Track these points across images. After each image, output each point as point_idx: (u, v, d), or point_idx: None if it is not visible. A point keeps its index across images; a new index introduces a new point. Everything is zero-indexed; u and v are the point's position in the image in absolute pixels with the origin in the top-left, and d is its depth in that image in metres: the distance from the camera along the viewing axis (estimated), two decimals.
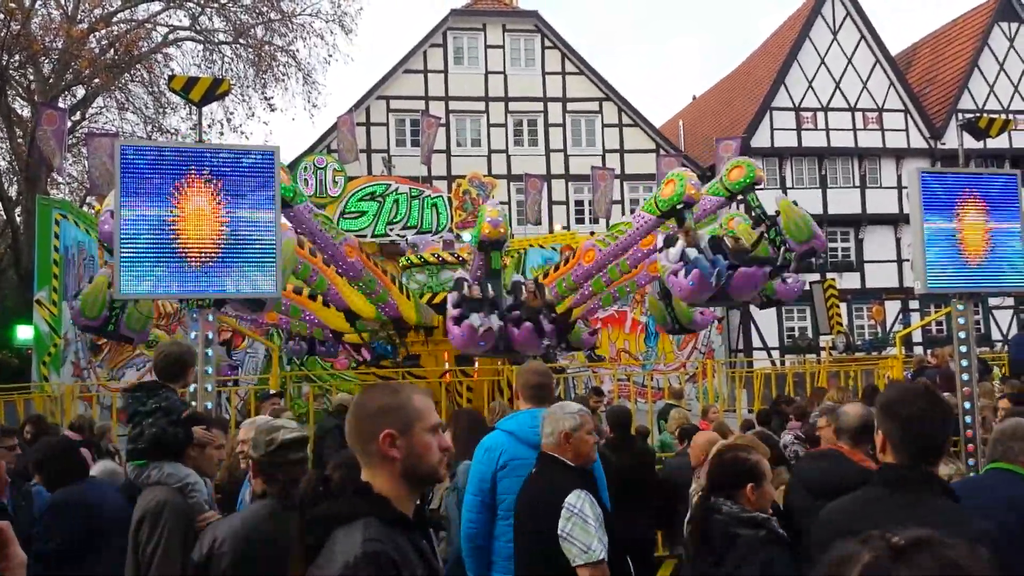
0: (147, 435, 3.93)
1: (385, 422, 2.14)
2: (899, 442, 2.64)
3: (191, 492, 3.93)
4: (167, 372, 4.24)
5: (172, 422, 4.01)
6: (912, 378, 11.23)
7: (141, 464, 3.95)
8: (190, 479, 3.96)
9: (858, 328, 26.67)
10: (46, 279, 15.30)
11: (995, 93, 27.67)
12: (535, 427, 4.00)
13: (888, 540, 1.23)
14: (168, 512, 3.76)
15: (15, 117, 23.02)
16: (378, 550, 1.98)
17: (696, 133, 30.89)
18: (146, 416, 3.99)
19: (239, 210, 6.18)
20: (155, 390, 4.13)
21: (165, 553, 3.71)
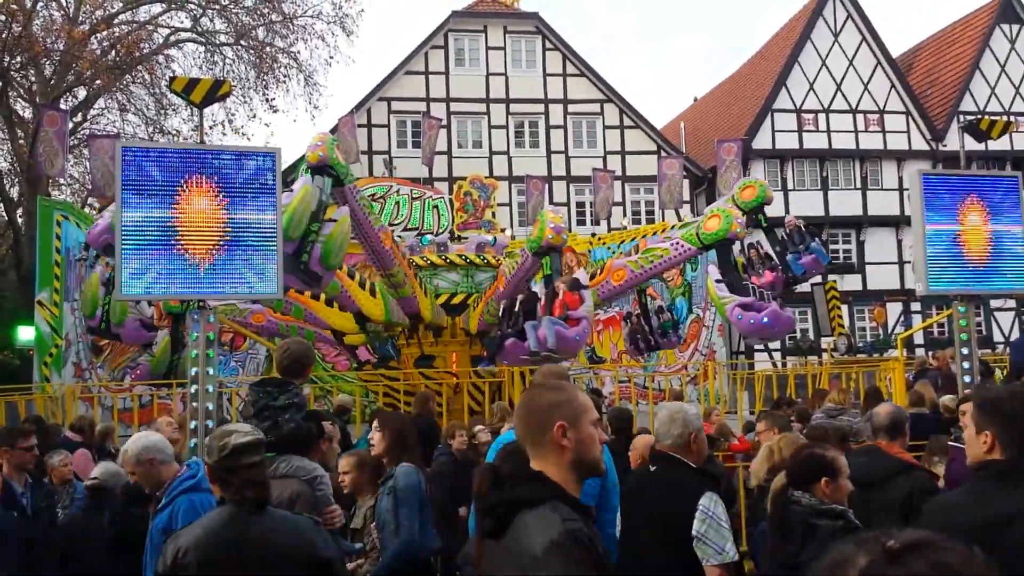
0: (285, 430, 4.01)
1: (557, 415, 2.31)
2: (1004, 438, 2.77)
3: (319, 485, 4.04)
4: (291, 369, 4.30)
5: (305, 417, 4.11)
6: (914, 380, 11.22)
7: (269, 456, 3.98)
8: (318, 472, 4.06)
9: (859, 330, 26.65)
10: (47, 280, 15.31)
11: (996, 95, 27.65)
12: None
13: (883, 543, 1.22)
14: (300, 504, 3.86)
15: (16, 118, 23.03)
16: (577, 528, 2.14)
17: (697, 135, 30.89)
18: (279, 411, 4.06)
19: (240, 211, 6.19)
20: (284, 386, 4.18)
21: None
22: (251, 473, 3.17)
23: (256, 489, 3.14)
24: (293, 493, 3.91)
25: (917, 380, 10.96)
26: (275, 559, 3.03)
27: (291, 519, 3.25)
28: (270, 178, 6.28)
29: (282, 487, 3.93)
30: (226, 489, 3.18)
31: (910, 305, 26.88)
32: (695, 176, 27.24)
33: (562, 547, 2.07)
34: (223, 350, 18.58)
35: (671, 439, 3.88)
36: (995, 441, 2.77)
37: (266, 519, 3.12)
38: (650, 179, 25.64)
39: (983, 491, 2.78)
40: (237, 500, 3.11)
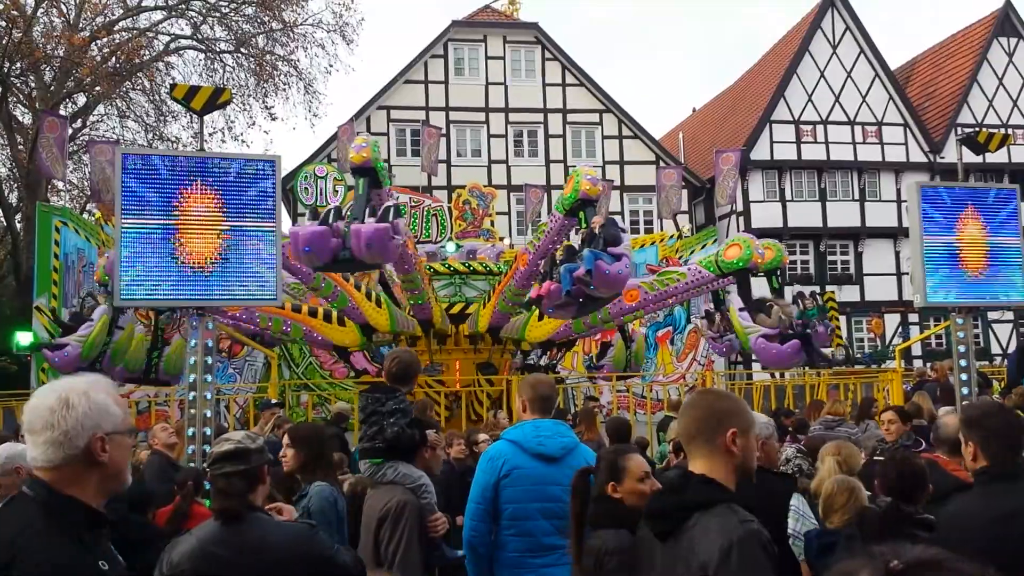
0: (388, 435, 4.05)
1: (731, 422, 2.46)
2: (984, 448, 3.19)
3: (424, 493, 4.07)
4: (399, 377, 4.34)
5: (409, 423, 4.15)
6: (912, 391, 11.23)
7: (378, 462, 4.07)
8: (423, 480, 4.10)
9: (857, 341, 26.66)
10: (46, 286, 15.32)
11: (994, 108, 27.74)
12: (538, 437, 4.05)
13: (887, 561, 1.22)
14: (408, 512, 3.91)
15: (16, 124, 23.05)
16: (756, 529, 2.27)
17: (696, 145, 30.95)
18: (386, 416, 4.10)
19: (239, 219, 6.19)
20: (392, 392, 4.23)
21: (407, 551, 3.86)
22: (223, 483, 3.15)
23: (222, 499, 3.11)
24: (400, 501, 3.94)
25: (915, 391, 10.98)
26: (271, 565, 3.02)
27: (285, 525, 3.24)
28: (270, 185, 6.29)
29: (389, 494, 3.97)
30: (216, 499, 3.19)
31: (908, 317, 26.91)
32: (693, 186, 27.29)
33: (743, 547, 2.20)
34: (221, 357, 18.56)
35: None
36: (977, 450, 3.19)
37: (257, 526, 3.10)
38: (648, 189, 25.68)
39: (986, 492, 3.14)
40: (224, 510, 3.10)
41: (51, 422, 2.09)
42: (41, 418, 2.10)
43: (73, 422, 2.10)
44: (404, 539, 3.87)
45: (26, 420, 2.14)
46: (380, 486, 4.05)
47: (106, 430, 2.15)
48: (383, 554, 3.87)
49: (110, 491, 2.25)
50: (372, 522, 3.93)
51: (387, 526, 3.90)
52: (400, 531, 3.88)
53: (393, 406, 4.16)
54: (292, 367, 19.92)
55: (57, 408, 2.10)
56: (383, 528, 3.89)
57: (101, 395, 2.18)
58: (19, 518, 2.07)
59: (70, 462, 2.11)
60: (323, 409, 15.20)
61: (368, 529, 3.95)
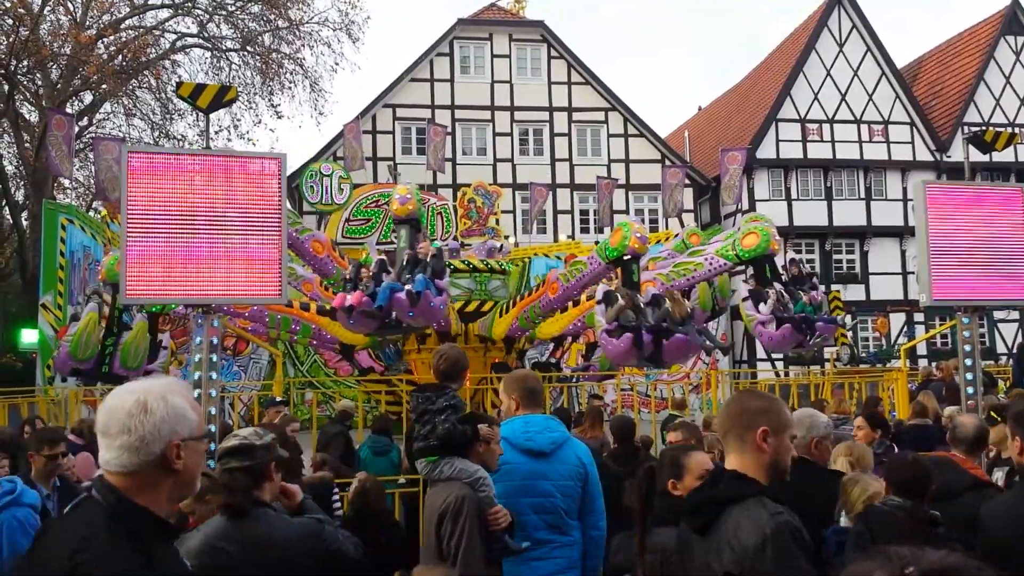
0: (440, 432, 4.07)
1: (763, 420, 2.56)
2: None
3: (481, 487, 4.08)
4: (448, 373, 4.35)
5: (461, 420, 4.18)
6: (917, 390, 11.21)
7: (433, 460, 4.11)
8: (480, 474, 4.11)
9: (863, 340, 26.61)
10: (51, 283, 15.34)
11: (1001, 106, 27.66)
12: (527, 433, 4.09)
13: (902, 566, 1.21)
14: (468, 506, 3.94)
15: (23, 122, 23.10)
16: (788, 520, 2.36)
17: (702, 144, 30.91)
18: (437, 414, 4.13)
19: (245, 217, 6.19)
20: (442, 390, 4.26)
21: (469, 545, 3.90)
22: (227, 478, 3.18)
23: (227, 495, 3.14)
24: (459, 496, 3.98)
25: (920, 390, 10.95)
26: (277, 560, 3.03)
27: (292, 520, 3.25)
28: (275, 183, 6.29)
29: (448, 490, 4.02)
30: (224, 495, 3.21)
31: (913, 316, 26.85)
32: (699, 185, 27.26)
33: (777, 540, 2.28)
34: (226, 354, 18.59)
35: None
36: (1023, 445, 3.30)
37: (263, 521, 3.12)
38: (654, 188, 25.68)
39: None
40: (229, 505, 3.12)
41: (128, 426, 2.03)
42: (118, 421, 2.04)
43: (151, 427, 2.04)
44: (465, 533, 3.92)
45: (101, 421, 2.08)
46: (438, 483, 4.10)
47: (182, 436, 2.09)
48: (445, 549, 3.94)
49: (180, 498, 2.21)
50: (433, 518, 3.99)
51: (448, 521, 3.95)
52: (461, 525, 3.93)
53: (443, 403, 4.18)
54: (297, 365, 19.95)
55: (135, 412, 2.04)
56: (444, 523, 3.95)
57: (178, 399, 2.12)
58: (85, 526, 2.00)
59: (144, 468, 2.05)
60: (327, 407, 15.22)
61: (429, 525, 4.02)
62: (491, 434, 4.24)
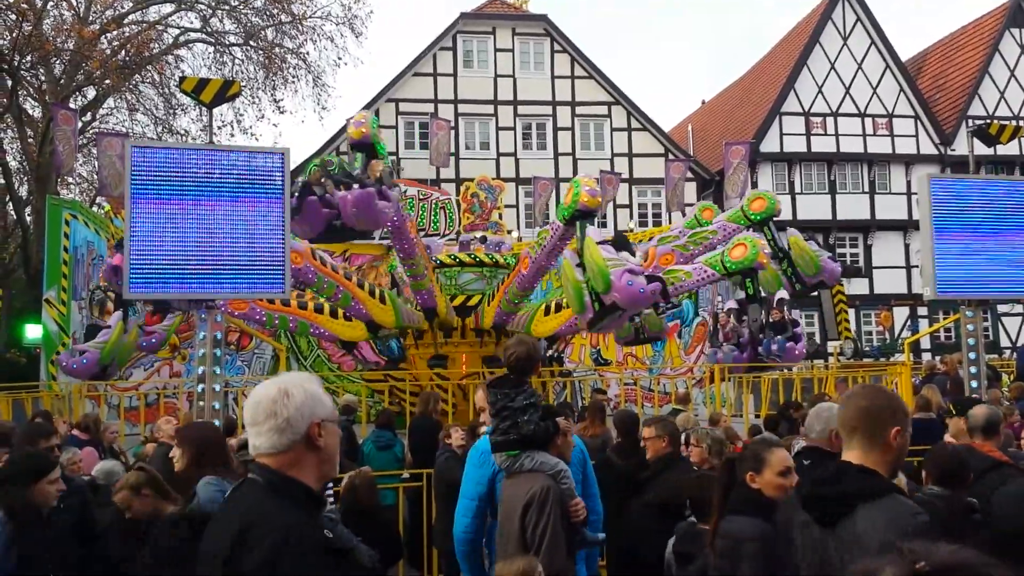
0: (525, 430, 4.18)
1: (897, 419, 2.61)
2: None
3: (563, 479, 4.19)
4: (521, 368, 4.42)
5: (542, 416, 4.28)
6: (921, 384, 11.20)
7: (514, 454, 4.21)
8: (560, 467, 4.22)
9: (866, 334, 26.59)
10: (55, 278, 15.35)
11: (1005, 99, 27.59)
12: None
13: (913, 562, 1.22)
14: (552, 498, 4.05)
15: (26, 117, 23.11)
16: (926, 521, 2.39)
17: (705, 138, 30.86)
18: (519, 412, 4.23)
19: (248, 212, 6.20)
20: (519, 386, 4.34)
21: (553, 535, 3.98)
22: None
23: None
24: (544, 487, 4.06)
25: (924, 384, 10.94)
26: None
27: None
28: (279, 178, 6.29)
29: (531, 482, 4.10)
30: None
31: (917, 309, 26.82)
32: (702, 179, 27.22)
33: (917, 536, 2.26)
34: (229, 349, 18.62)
35: (815, 434, 4.15)
36: None
37: None
38: (657, 181, 25.64)
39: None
40: None
41: (274, 411, 2.27)
42: (265, 409, 2.28)
43: (294, 409, 2.28)
44: (550, 524, 4.01)
45: (249, 414, 2.31)
46: (519, 475, 4.19)
47: (321, 416, 2.33)
48: (529, 539, 4.01)
49: (326, 476, 2.40)
50: (516, 509, 4.07)
51: (532, 512, 4.03)
52: (546, 516, 4.01)
53: (524, 401, 4.26)
54: (300, 360, 19.96)
55: (279, 398, 2.28)
56: (528, 514, 4.03)
57: (313, 386, 2.37)
58: (250, 496, 2.25)
59: (293, 447, 2.29)
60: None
61: (512, 516, 4.08)
62: (568, 427, 4.39)
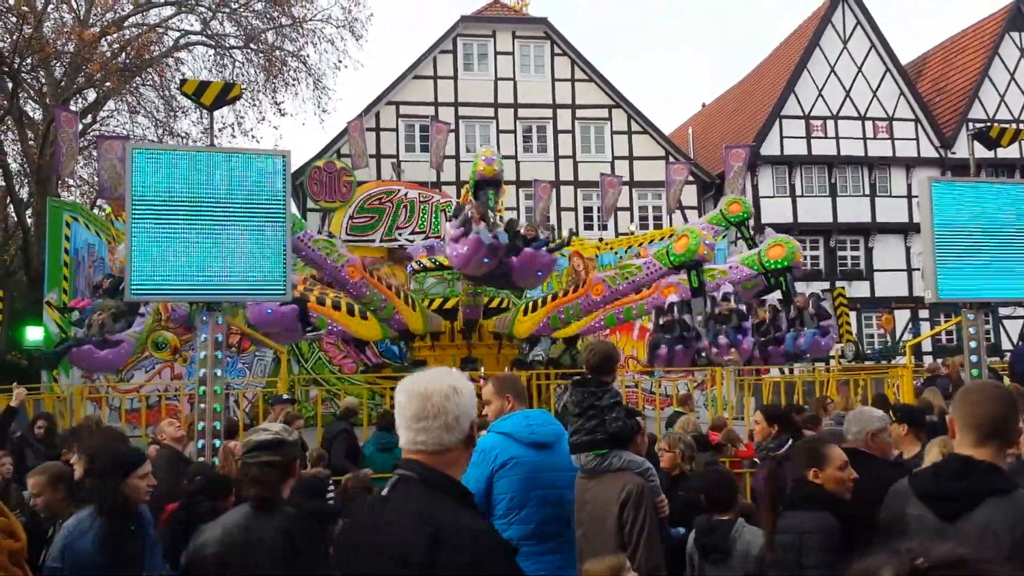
0: (612, 427, 4.26)
1: (1018, 418, 2.74)
2: None
3: (650, 477, 4.31)
4: (603, 367, 4.51)
5: (627, 414, 4.39)
6: (923, 387, 11.20)
7: (602, 453, 4.28)
8: (647, 465, 4.35)
9: (867, 337, 26.58)
10: (56, 281, 15.36)
11: (1006, 103, 27.60)
12: (530, 427, 4.12)
13: (912, 559, 1.22)
14: (646, 495, 4.17)
15: (27, 120, 23.12)
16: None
17: (705, 140, 30.87)
18: (605, 410, 4.32)
19: (249, 214, 6.20)
20: (603, 385, 4.43)
21: (651, 532, 4.09)
22: (257, 471, 3.23)
23: (257, 487, 3.18)
24: (638, 485, 4.18)
25: (926, 387, 10.94)
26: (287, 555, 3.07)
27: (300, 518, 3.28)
28: (280, 181, 6.29)
29: (623, 480, 4.21)
30: (247, 487, 3.28)
31: (918, 312, 26.82)
32: (703, 182, 27.23)
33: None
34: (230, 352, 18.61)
35: (852, 435, 4.26)
36: None
37: (279, 518, 3.15)
38: (658, 184, 25.63)
39: None
40: (257, 498, 3.19)
41: (445, 408, 2.24)
42: (436, 405, 2.24)
43: (462, 407, 2.27)
44: (648, 521, 4.11)
45: (414, 408, 2.26)
46: (607, 474, 4.27)
47: (475, 415, 2.33)
48: (627, 537, 4.08)
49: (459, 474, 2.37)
50: (612, 507, 4.15)
51: (629, 509, 4.11)
52: (643, 513, 4.11)
53: (610, 400, 4.34)
54: (301, 362, 19.96)
55: (450, 394, 2.25)
56: (625, 512, 4.12)
57: (469, 383, 2.35)
58: (418, 498, 2.20)
59: (456, 445, 2.28)
60: (332, 404, 15.21)
61: (606, 515, 4.16)
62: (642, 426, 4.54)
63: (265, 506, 3.16)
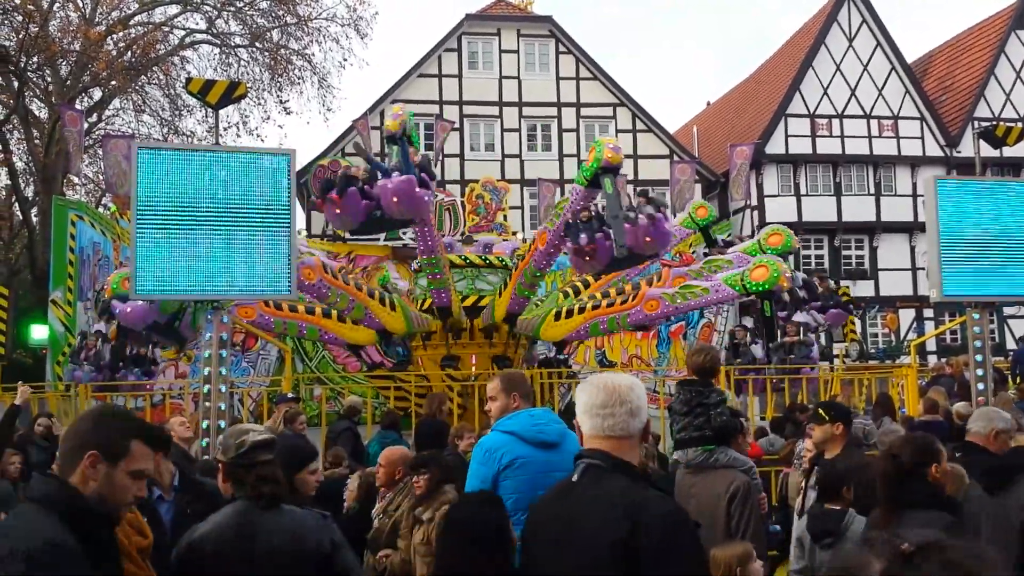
0: (716, 424, 4.47)
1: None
2: None
3: (754, 475, 4.56)
4: (710, 369, 4.80)
5: (731, 413, 4.63)
6: (927, 386, 11.17)
7: (710, 449, 4.48)
8: (750, 462, 4.61)
9: (871, 336, 26.53)
10: (61, 279, 15.40)
11: (1011, 101, 27.50)
12: (537, 426, 4.10)
13: (897, 546, 1.28)
14: (752, 492, 4.37)
15: (32, 118, 23.17)
16: None
17: (710, 139, 30.83)
18: (712, 407, 4.53)
19: (254, 213, 6.21)
20: (709, 385, 4.68)
21: (756, 527, 4.28)
22: (266, 470, 3.26)
23: (271, 486, 3.23)
24: (744, 482, 4.37)
25: (930, 386, 10.92)
26: (283, 552, 3.09)
27: (300, 514, 3.29)
28: (284, 179, 6.30)
29: (730, 476, 4.40)
30: (240, 486, 3.27)
31: (923, 311, 26.75)
32: (707, 180, 27.19)
33: None
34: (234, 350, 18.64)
35: (974, 429, 4.46)
36: None
37: (276, 515, 3.17)
38: (662, 183, 25.60)
39: None
40: (254, 496, 3.19)
41: (629, 397, 2.51)
42: (621, 394, 2.52)
43: (642, 400, 2.56)
44: (753, 516, 4.30)
45: (600, 396, 2.52)
46: (714, 470, 4.47)
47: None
48: (733, 530, 4.24)
49: None
50: (719, 502, 4.33)
51: (737, 504, 4.29)
52: (749, 509, 4.30)
53: (717, 398, 4.57)
54: (305, 361, 19.99)
55: (633, 386, 2.55)
56: (733, 506, 4.30)
57: (641, 383, 2.63)
58: (609, 482, 2.42)
59: (637, 432, 2.54)
60: (336, 403, 15.23)
61: (713, 509, 4.33)
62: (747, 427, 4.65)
63: (273, 502, 3.18)
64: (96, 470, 2.37)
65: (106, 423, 2.49)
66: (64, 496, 2.34)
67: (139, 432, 2.50)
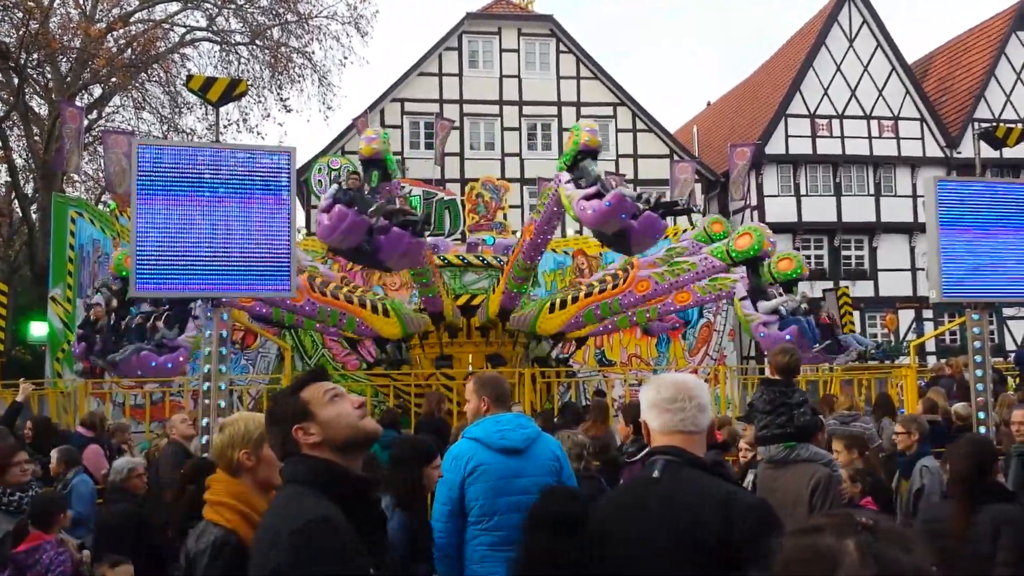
0: (800, 422, 4.73)
1: None
2: None
3: (835, 467, 4.80)
4: (794, 369, 5.09)
5: (812, 411, 4.85)
6: (927, 387, 11.18)
7: (791, 445, 4.74)
8: (829, 456, 4.86)
9: (871, 336, 26.54)
10: (61, 276, 15.37)
11: (1012, 103, 27.51)
12: (500, 431, 4.05)
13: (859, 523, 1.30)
14: (833, 483, 4.64)
15: (32, 115, 23.15)
16: None
17: (710, 139, 30.83)
18: (795, 407, 4.77)
19: (254, 210, 6.20)
20: (791, 385, 4.94)
21: None
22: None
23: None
24: (826, 475, 4.62)
25: (930, 387, 10.93)
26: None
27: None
28: (285, 177, 6.29)
29: (811, 470, 4.64)
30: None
31: (922, 312, 26.77)
32: (707, 180, 27.20)
33: None
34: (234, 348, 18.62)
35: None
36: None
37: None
38: (662, 183, 25.60)
39: None
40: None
41: (697, 393, 2.62)
42: (690, 390, 2.63)
43: (707, 398, 2.66)
44: (835, 505, 4.54)
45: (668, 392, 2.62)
46: (795, 464, 4.71)
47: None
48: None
49: None
50: (802, 493, 4.57)
51: (819, 495, 4.54)
52: (830, 499, 4.56)
53: (799, 398, 4.83)
54: (305, 359, 19.99)
55: (699, 384, 2.67)
56: (815, 497, 4.54)
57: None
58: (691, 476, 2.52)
59: (705, 428, 2.65)
60: None
61: (796, 500, 4.56)
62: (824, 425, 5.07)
63: None
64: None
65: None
66: (323, 469, 2.22)
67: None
